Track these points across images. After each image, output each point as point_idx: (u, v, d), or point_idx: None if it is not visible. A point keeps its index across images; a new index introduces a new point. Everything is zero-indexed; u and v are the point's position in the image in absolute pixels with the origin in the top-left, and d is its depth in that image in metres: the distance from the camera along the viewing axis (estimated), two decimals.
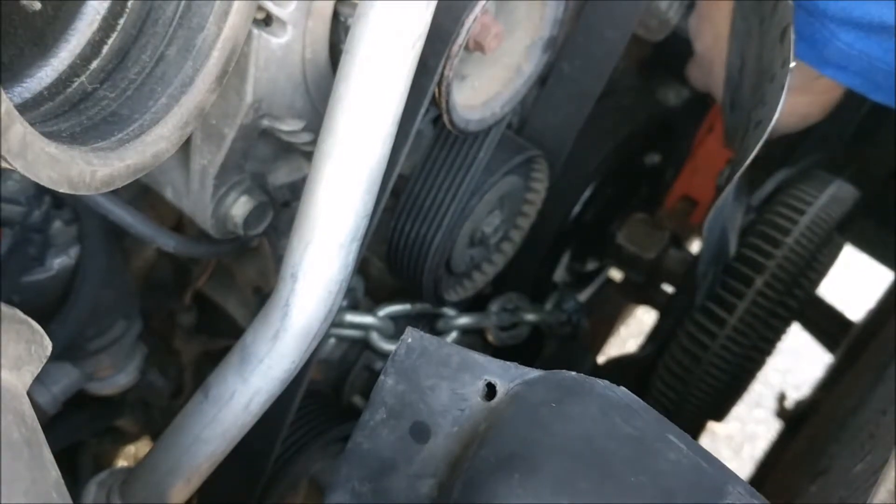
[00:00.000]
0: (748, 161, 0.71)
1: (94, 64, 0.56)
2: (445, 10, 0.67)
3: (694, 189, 1.26)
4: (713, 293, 0.98)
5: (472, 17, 0.70)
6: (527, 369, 0.61)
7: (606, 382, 0.58)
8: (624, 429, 0.55)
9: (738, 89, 0.90)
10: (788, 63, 0.71)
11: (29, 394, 0.47)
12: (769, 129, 0.71)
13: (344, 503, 0.61)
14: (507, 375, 0.60)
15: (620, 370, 1.24)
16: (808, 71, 0.83)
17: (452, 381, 0.61)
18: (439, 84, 0.72)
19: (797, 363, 1.51)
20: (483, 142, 0.85)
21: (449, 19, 0.69)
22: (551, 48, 0.83)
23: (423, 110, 0.72)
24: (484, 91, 0.82)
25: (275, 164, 0.83)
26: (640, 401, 0.57)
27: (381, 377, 0.62)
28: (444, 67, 0.71)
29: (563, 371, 0.59)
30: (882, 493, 0.51)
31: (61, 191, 0.49)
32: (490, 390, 0.60)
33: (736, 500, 0.52)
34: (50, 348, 0.48)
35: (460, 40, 0.70)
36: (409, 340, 0.62)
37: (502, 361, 0.61)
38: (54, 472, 0.46)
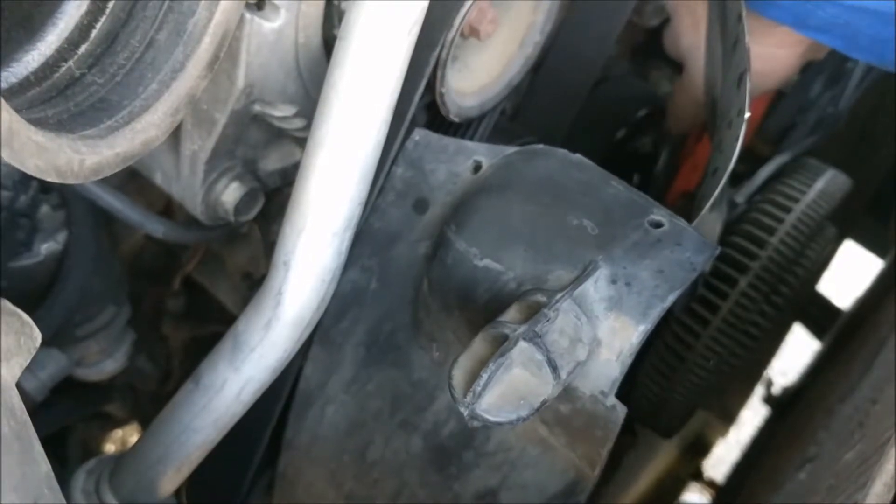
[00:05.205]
0: (705, 209, 0.70)
1: (83, 48, 0.55)
2: None
3: (694, 185, 1.25)
4: (695, 294, 0.97)
5: (468, 2, 0.69)
6: (508, 147, 0.73)
7: (567, 151, 0.71)
8: (578, 174, 0.69)
9: (713, 89, 0.88)
10: (744, 113, 0.70)
11: (17, 382, 0.46)
12: (724, 178, 0.70)
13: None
14: (492, 153, 0.73)
15: None
16: (764, 20, 0.80)
17: (449, 163, 0.73)
18: (435, 70, 0.71)
19: (784, 349, 1.52)
20: (477, 129, 0.84)
21: (445, 4, 0.68)
22: None
23: (418, 96, 0.71)
24: (497, 60, 0.80)
25: (266, 150, 0.82)
26: (594, 164, 0.70)
27: (392, 167, 0.74)
28: (439, 53, 0.70)
29: (536, 145, 0.72)
30: (878, 488, 0.51)
31: (49, 180, 0.48)
32: (477, 166, 0.73)
33: (659, 216, 0.65)
34: (39, 339, 0.47)
35: (456, 26, 0.69)
36: (417, 137, 0.74)
37: (490, 145, 0.73)
38: (45, 465, 0.46)
